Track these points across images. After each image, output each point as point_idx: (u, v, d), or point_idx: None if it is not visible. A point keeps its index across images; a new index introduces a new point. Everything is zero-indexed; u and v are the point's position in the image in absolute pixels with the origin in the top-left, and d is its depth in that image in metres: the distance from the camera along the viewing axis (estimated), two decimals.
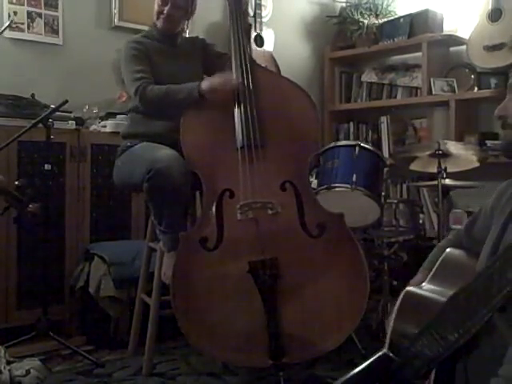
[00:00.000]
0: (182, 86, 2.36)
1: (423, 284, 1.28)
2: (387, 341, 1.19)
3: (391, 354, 1.16)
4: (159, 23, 2.59)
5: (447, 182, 2.77)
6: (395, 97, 4.15)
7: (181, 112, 2.33)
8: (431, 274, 1.30)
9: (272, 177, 2.23)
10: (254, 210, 2.16)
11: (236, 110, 2.29)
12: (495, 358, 0.99)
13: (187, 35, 2.82)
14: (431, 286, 1.26)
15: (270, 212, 2.17)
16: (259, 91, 2.34)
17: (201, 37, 2.84)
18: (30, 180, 2.58)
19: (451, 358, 1.06)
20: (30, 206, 2.23)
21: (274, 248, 2.13)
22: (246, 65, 2.37)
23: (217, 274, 2.16)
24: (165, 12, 2.54)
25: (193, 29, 3.62)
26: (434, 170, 2.77)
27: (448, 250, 1.36)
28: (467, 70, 3.83)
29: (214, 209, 2.21)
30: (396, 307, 1.21)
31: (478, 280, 1.08)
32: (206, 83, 2.33)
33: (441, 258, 1.33)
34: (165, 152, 2.31)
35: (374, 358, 1.18)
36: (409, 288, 1.24)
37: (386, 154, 3.95)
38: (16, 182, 2.29)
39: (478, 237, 1.37)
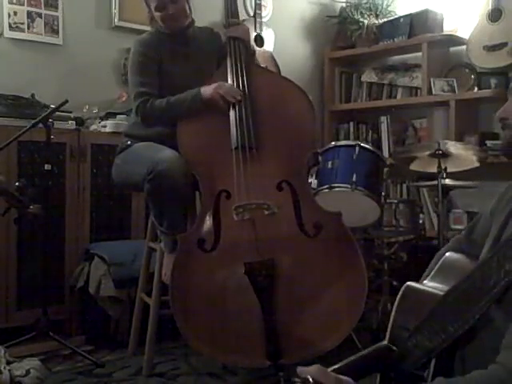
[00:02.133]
0: (182, 98, 2.34)
1: (424, 282, 1.30)
2: (387, 333, 1.21)
3: (391, 346, 1.18)
4: (168, 26, 2.47)
5: (447, 182, 2.77)
6: (395, 97, 4.15)
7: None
8: (431, 274, 1.32)
9: (268, 177, 2.23)
10: (250, 211, 2.16)
11: (231, 111, 2.30)
12: (493, 348, 1.02)
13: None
14: (431, 283, 1.28)
15: (266, 213, 2.16)
16: (255, 91, 2.34)
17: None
18: (30, 180, 2.58)
19: (450, 348, 1.09)
20: (31, 206, 2.23)
21: (270, 249, 2.12)
22: (241, 67, 2.37)
23: (214, 275, 2.17)
24: (170, 12, 2.43)
25: None
26: (434, 169, 2.77)
27: (448, 253, 1.38)
28: (467, 70, 3.83)
29: (211, 210, 2.21)
30: (396, 301, 1.24)
31: (477, 272, 1.11)
32: (207, 94, 2.31)
33: (441, 261, 1.35)
34: (166, 153, 2.30)
35: (373, 347, 1.20)
36: (409, 283, 1.26)
37: (386, 154, 3.95)
38: (16, 183, 2.28)
39: (478, 240, 1.38)
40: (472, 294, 1.08)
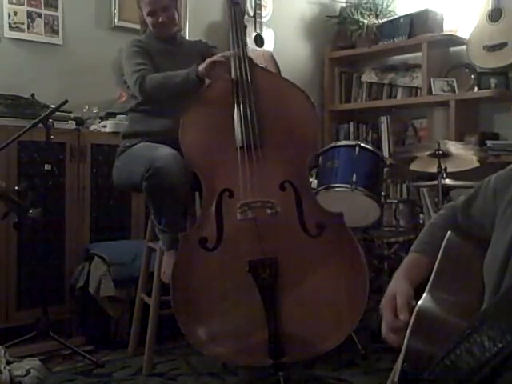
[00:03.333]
0: (179, 71, 2.38)
1: (424, 295, 1.15)
2: (398, 369, 1.05)
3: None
4: (158, 31, 2.59)
5: (447, 182, 2.77)
6: (395, 97, 4.15)
7: (180, 107, 2.34)
8: (434, 272, 1.20)
9: (271, 176, 2.23)
10: (254, 210, 2.16)
11: (235, 109, 2.30)
12: None
13: (187, 35, 2.81)
14: (440, 295, 1.16)
15: (269, 211, 2.17)
16: (258, 91, 2.34)
17: (202, 38, 2.85)
18: (30, 182, 2.58)
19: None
20: (31, 211, 2.21)
21: (273, 247, 2.13)
22: (245, 63, 2.37)
23: (216, 274, 2.17)
24: (160, 20, 2.54)
25: (193, 29, 3.64)
26: (434, 169, 2.77)
27: (448, 236, 1.27)
28: (467, 70, 3.83)
29: (213, 208, 2.21)
30: (409, 328, 1.08)
31: None
32: (202, 64, 2.34)
33: (442, 250, 1.24)
34: (164, 151, 2.31)
35: None
36: (420, 304, 1.11)
37: (386, 154, 3.95)
38: (16, 187, 2.27)
39: (475, 217, 1.32)
40: None
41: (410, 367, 1.02)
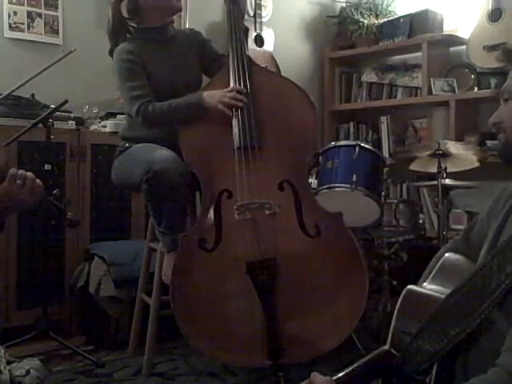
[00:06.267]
0: (184, 102, 2.32)
1: (424, 284, 1.29)
2: (389, 338, 1.20)
3: (392, 350, 1.18)
4: (159, 15, 2.49)
5: (447, 181, 2.77)
6: (395, 97, 4.15)
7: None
8: (431, 276, 1.31)
9: (270, 177, 2.22)
10: (252, 211, 2.16)
11: (233, 111, 2.29)
12: (494, 352, 1.01)
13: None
14: (431, 286, 1.27)
15: (267, 212, 2.16)
16: (257, 91, 2.33)
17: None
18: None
19: (452, 352, 1.08)
20: (69, 213, 2.21)
21: (271, 248, 2.12)
22: (243, 68, 2.36)
23: (215, 274, 2.16)
24: (173, 4, 2.48)
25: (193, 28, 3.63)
26: (434, 170, 2.77)
27: (446, 254, 1.37)
28: (467, 70, 3.83)
29: (212, 209, 2.21)
30: (397, 305, 1.23)
31: (477, 275, 1.10)
32: (210, 105, 2.28)
33: (440, 262, 1.34)
34: (162, 153, 2.30)
35: (374, 353, 1.20)
36: (410, 286, 1.25)
37: (386, 154, 3.95)
38: (54, 191, 2.28)
39: (475, 242, 1.38)
40: (473, 297, 1.08)
41: (394, 344, 1.18)
